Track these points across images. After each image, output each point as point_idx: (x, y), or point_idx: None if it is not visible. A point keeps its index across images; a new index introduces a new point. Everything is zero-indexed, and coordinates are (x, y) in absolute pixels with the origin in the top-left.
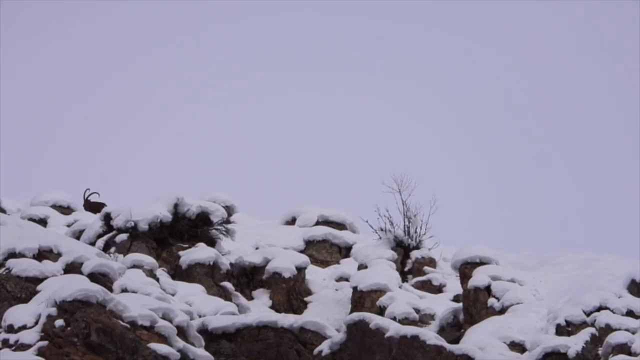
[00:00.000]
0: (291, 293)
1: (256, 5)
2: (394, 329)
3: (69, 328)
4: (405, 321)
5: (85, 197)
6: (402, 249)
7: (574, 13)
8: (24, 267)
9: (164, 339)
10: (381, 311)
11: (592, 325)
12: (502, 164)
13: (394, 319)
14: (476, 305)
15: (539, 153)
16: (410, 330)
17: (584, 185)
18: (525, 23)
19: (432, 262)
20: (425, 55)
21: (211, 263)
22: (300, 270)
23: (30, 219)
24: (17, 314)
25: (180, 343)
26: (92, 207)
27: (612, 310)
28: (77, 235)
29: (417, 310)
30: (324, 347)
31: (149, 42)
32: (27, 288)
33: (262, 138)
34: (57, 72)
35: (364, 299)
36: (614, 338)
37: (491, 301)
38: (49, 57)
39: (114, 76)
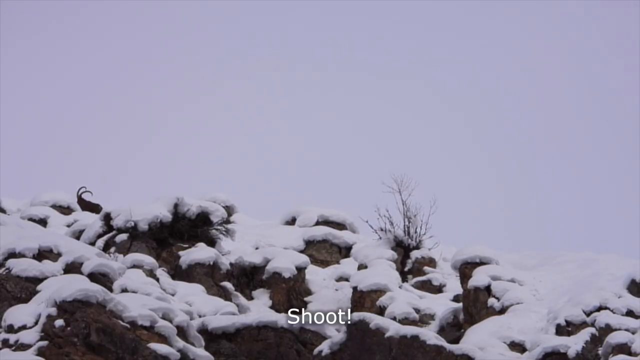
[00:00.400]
0: (291, 293)
1: (255, 5)
2: (394, 329)
3: (69, 328)
4: (405, 321)
5: (79, 194)
6: (402, 249)
7: (574, 12)
8: (24, 267)
9: (164, 339)
10: (381, 311)
11: (592, 325)
12: (502, 164)
13: (394, 319)
14: (476, 305)
15: (539, 153)
16: (410, 330)
17: (584, 185)
18: (525, 23)
19: (432, 262)
20: (425, 55)
21: (211, 263)
22: (300, 270)
23: (30, 219)
24: (17, 314)
25: (180, 343)
26: (87, 205)
27: (612, 310)
28: (77, 235)
29: (417, 310)
30: (324, 347)
31: (148, 42)
32: (27, 288)
33: (262, 138)
34: (57, 72)
35: (364, 299)
36: (614, 338)
37: (491, 301)
38: (48, 57)
39: (114, 76)
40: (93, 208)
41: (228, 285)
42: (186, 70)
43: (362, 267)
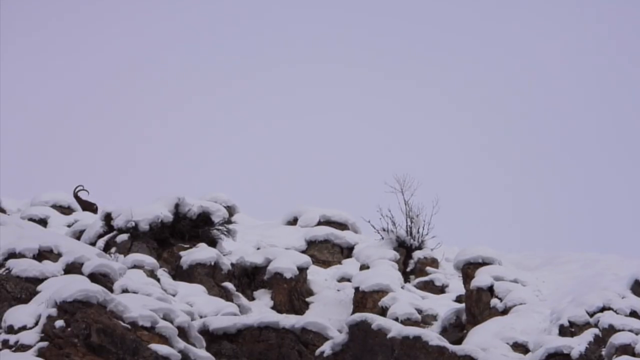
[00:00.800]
0: (293, 293)
1: (257, 5)
2: (396, 330)
3: (69, 329)
4: (407, 322)
5: (75, 192)
6: (405, 249)
7: (581, 12)
8: (24, 267)
9: (164, 339)
10: (383, 312)
11: (596, 325)
12: (505, 164)
13: (396, 319)
14: (479, 305)
15: (542, 153)
16: (412, 331)
17: (588, 185)
18: (531, 22)
19: (434, 263)
20: (428, 54)
21: (212, 263)
22: (302, 270)
23: (30, 219)
24: (17, 314)
25: (181, 344)
26: (83, 204)
27: (615, 311)
28: (78, 235)
29: (420, 311)
30: (326, 348)
31: (149, 41)
32: (27, 288)
33: (264, 138)
34: (58, 71)
35: (366, 300)
36: (617, 339)
37: (494, 302)
38: (49, 55)
39: (114, 75)
40: (88, 206)
41: (229, 285)
42: (187, 70)
43: (364, 267)
